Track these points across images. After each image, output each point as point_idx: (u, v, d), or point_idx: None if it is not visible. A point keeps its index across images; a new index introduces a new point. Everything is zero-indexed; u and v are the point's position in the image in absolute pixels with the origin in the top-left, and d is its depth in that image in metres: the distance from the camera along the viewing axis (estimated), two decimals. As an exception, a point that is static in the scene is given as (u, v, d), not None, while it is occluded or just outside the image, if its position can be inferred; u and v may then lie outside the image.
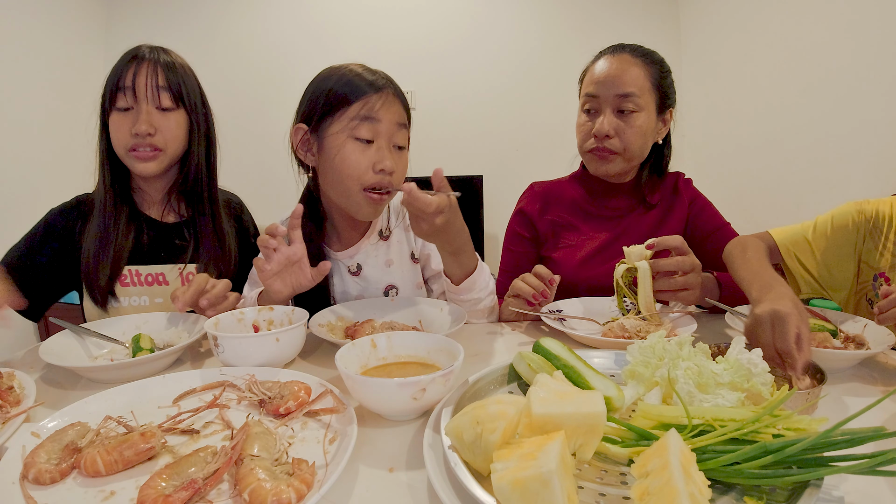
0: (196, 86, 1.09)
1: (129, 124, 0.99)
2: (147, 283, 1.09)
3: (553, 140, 3.14)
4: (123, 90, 0.99)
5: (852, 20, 2.14)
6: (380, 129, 0.94)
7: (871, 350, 0.78)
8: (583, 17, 3.27)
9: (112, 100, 1.00)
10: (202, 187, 1.11)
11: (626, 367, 0.63)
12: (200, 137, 1.08)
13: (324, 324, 0.96)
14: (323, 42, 3.16)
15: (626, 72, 1.12)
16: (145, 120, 0.98)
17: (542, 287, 0.99)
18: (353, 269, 1.10)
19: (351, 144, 0.94)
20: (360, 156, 0.94)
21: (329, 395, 0.65)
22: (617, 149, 1.15)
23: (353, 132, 0.94)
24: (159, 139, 1.02)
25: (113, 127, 1.01)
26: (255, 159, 3.13)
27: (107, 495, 0.48)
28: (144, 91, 0.99)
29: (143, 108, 0.99)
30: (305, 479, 0.47)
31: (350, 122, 0.93)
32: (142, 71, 0.99)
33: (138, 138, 0.99)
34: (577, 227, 1.27)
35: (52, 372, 0.82)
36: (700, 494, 0.38)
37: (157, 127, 1.01)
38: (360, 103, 0.93)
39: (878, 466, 0.40)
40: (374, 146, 0.95)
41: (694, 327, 0.91)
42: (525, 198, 1.36)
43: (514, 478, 0.39)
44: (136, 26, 3.05)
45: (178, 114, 1.04)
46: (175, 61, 1.05)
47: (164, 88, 1.00)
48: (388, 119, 0.94)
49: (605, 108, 1.14)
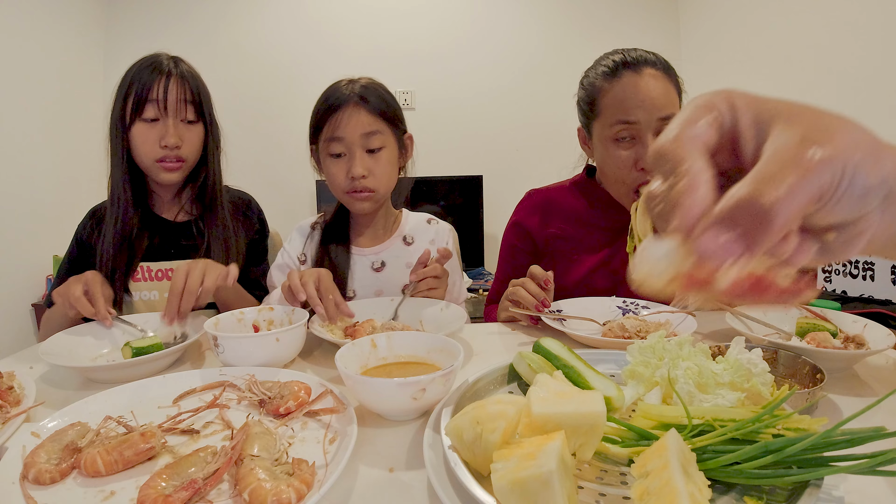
0: (207, 92, 1.13)
1: (157, 136, 1.04)
2: (157, 279, 1.14)
3: (553, 140, 3.14)
4: (153, 102, 1.03)
5: (852, 20, 2.14)
6: (346, 142, 1.07)
7: (871, 350, 0.78)
8: (583, 17, 3.27)
9: (139, 110, 1.04)
10: (212, 188, 1.17)
11: (626, 367, 0.63)
12: (214, 146, 1.15)
13: (324, 324, 0.96)
14: (323, 42, 3.16)
15: (666, 93, 1.03)
16: (174, 133, 1.04)
17: (543, 295, 0.98)
18: (377, 266, 1.20)
19: (329, 160, 1.10)
20: (336, 169, 1.09)
21: (329, 395, 0.65)
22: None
23: (328, 150, 1.09)
24: (184, 150, 1.08)
25: (139, 138, 1.05)
26: (256, 159, 3.14)
27: (107, 495, 0.48)
28: (175, 105, 1.04)
29: (171, 121, 1.05)
30: (305, 479, 0.47)
31: (323, 144, 1.09)
32: (172, 86, 1.04)
33: (167, 150, 1.05)
34: (579, 240, 1.22)
35: (52, 372, 0.82)
36: (700, 494, 0.38)
37: (183, 139, 1.07)
38: (327, 126, 1.07)
39: (878, 466, 0.40)
40: (345, 158, 1.08)
41: (694, 327, 0.91)
42: (522, 208, 1.29)
43: (514, 478, 0.39)
44: (136, 26, 3.05)
45: (199, 126, 1.11)
46: (195, 74, 1.10)
47: (191, 102, 1.06)
48: (350, 132, 1.06)
49: (647, 133, 1.02)
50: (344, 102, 1.05)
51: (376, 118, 1.07)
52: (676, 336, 0.72)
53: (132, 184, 1.11)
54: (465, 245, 1.40)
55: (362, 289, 1.18)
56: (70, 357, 0.83)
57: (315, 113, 1.10)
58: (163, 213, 1.19)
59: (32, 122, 2.52)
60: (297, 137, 3.63)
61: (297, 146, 3.60)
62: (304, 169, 3.44)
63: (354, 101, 1.05)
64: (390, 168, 1.12)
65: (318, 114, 1.09)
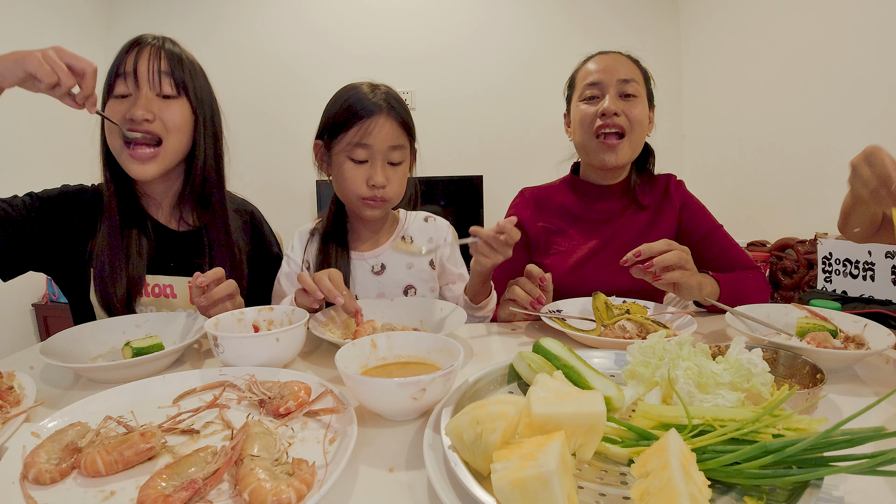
0: (204, 80, 1.03)
1: (124, 111, 0.92)
2: (154, 295, 1.05)
3: (553, 140, 3.13)
4: (123, 76, 0.91)
5: (852, 20, 2.14)
6: (372, 150, 1.05)
7: (871, 350, 0.78)
8: (583, 18, 3.27)
9: (110, 88, 0.94)
10: (211, 191, 1.07)
11: (626, 367, 0.63)
12: (207, 134, 1.02)
13: (324, 322, 0.96)
14: (323, 42, 3.16)
15: (623, 62, 1.20)
16: (143, 105, 0.91)
17: (538, 293, 1.01)
18: (377, 269, 1.19)
19: (348, 164, 1.07)
20: (356, 173, 1.07)
21: (329, 395, 0.65)
22: (625, 127, 1.17)
23: (349, 154, 1.06)
24: (158, 126, 0.94)
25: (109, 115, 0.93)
26: (255, 159, 3.14)
27: (107, 495, 0.48)
28: (146, 75, 0.91)
29: (143, 93, 0.92)
30: (305, 479, 0.47)
31: (347, 146, 1.06)
32: (143, 56, 0.93)
33: (134, 124, 0.91)
34: (568, 233, 1.28)
35: (52, 372, 0.82)
36: (700, 494, 0.38)
37: (157, 114, 0.93)
38: (354, 129, 1.04)
39: (878, 466, 0.40)
40: (367, 164, 1.07)
41: (694, 327, 0.91)
42: (516, 204, 1.36)
43: (514, 478, 0.39)
44: (137, 25, 3.05)
45: (181, 103, 0.97)
46: (181, 52, 1.00)
47: (167, 74, 0.93)
48: (379, 142, 1.05)
49: (609, 91, 1.17)
50: (375, 111, 1.04)
51: (402, 132, 1.08)
52: (676, 336, 0.72)
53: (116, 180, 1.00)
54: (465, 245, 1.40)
55: (363, 293, 1.18)
56: (70, 357, 0.83)
57: (336, 114, 1.06)
58: (159, 217, 1.08)
59: (32, 121, 2.52)
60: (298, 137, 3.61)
61: (297, 146, 3.59)
62: (304, 169, 3.43)
63: (385, 111, 1.04)
64: (405, 179, 1.14)
65: (341, 115, 1.05)
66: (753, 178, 2.76)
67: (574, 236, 1.27)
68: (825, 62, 2.27)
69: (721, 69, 3.01)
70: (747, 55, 2.77)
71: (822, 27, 2.29)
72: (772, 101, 2.59)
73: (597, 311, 1.01)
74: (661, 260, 0.93)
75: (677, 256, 0.93)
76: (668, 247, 0.94)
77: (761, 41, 2.66)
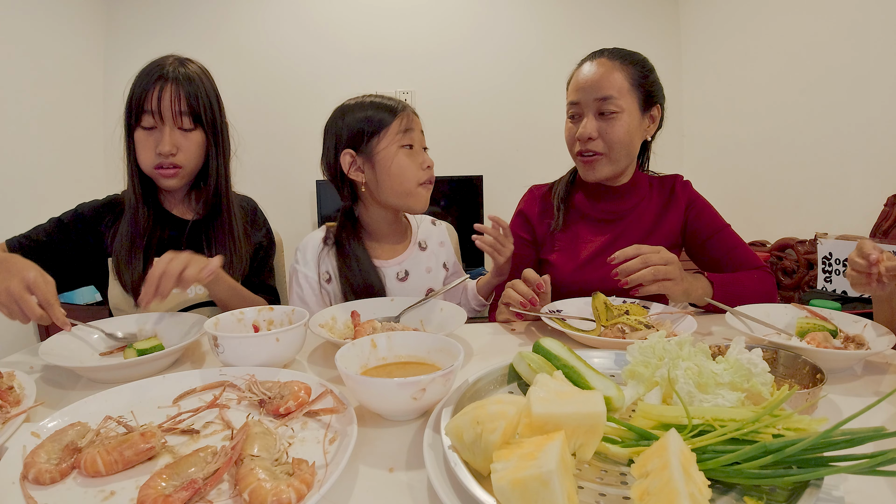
0: (212, 97, 1.14)
1: (153, 143, 1.08)
2: None
3: (553, 140, 3.13)
4: (151, 113, 1.06)
5: (852, 20, 2.14)
6: (414, 136, 1.15)
7: (871, 350, 0.78)
8: (583, 18, 3.27)
9: (138, 118, 1.08)
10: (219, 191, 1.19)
11: (626, 367, 0.63)
12: (218, 152, 1.17)
13: (324, 323, 0.96)
14: (323, 42, 3.16)
15: (603, 76, 1.16)
16: (168, 141, 1.07)
17: (531, 294, 1.02)
18: (402, 276, 1.24)
19: (401, 153, 1.14)
20: (411, 160, 1.14)
21: (329, 395, 0.65)
22: (601, 150, 1.17)
23: (400, 143, 1.13)
24: (180, 157, 1.10)
25: (139, 144, 1.10)
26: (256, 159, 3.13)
27: (107, 495, 0.48)
28: (170, 114, 1.07)
29: (167, 130, 1.07)
30: (305, 479, 0.47)
31: (396, 136, 1.13)
32: (165, 95, 1.06)
33: (161, 157, 1.08)
34: (575, 231, 1.28)
35: (52, 372, 0.82)
36: (700, 494, 0.38)
37: (179, 146, 1.09)
38: (398, 120, 1.14)
39: (878, 466, 0.40)
40: (415, 150, 1.16)
41: (694, 327, 0.91)
42: (525, 200, 1.38)
43: (514, 478, 0.39)
44: (136, 26, 3.05)
45: (197, 133, 1.12)
46: (194, 75, 1.10)
47: (186, 113, 1.08)
48: (416, 128, 1.17)
49: (587, 112, 1.18)
50: (405, 106, 1.16)
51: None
52: (676, 336, 0.72)
53: (142, 185, 1.14)
54: (465, 245, 1.42)
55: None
56: (70, 357, 0.83)
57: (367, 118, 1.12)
58: (174, 210, 1.21)
59: (32, 121, 2.52)
60: (298, 137, 3.61)
61: (298, 146, 3.58)
62: (304, 169, 3.43)
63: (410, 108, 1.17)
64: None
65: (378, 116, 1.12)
66: (753, 178, 2.76)
67: (581, 234, 1.28)
68: (825, 62, 2.27)
69: (721, 69, 3.01)
70: (747, 55, 2.76)
71: (822, 27, 2.29)
72: (772, 101, 2.59)
73: (596, 311, 1.01)
74: (624, 269, 0.96)
75: (652, 272, 0.94)
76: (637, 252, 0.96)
77: (761, 41, 2.66)
